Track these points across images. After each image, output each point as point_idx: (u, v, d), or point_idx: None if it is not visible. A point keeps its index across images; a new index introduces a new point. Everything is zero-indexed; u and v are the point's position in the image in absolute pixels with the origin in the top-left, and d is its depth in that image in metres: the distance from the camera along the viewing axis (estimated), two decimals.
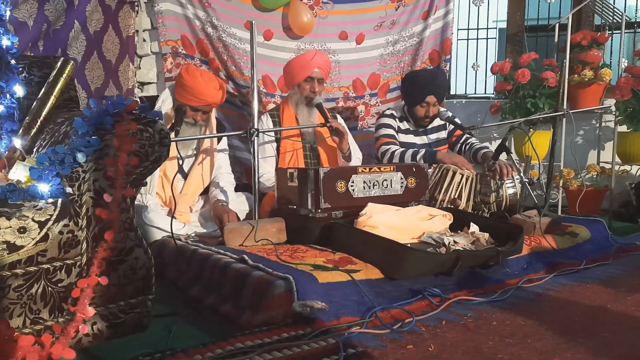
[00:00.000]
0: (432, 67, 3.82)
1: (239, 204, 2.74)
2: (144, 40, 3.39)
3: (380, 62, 3.80)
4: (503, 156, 2.77)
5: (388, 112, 3.21)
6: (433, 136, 3.21)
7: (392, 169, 2.41)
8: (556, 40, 3.90)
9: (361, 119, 3.81)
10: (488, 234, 2.18)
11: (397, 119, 3.16)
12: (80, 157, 1.37)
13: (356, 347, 1.46)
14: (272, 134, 2.91)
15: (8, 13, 1.83)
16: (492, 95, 4.15)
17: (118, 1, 3.13)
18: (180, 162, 2.60)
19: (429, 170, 2.67)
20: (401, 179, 2.43)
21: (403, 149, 3.00)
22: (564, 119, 3.14)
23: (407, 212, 2.23)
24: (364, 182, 2.33)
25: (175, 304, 1.87)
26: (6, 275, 1.24)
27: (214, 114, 2.78)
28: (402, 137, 3.14)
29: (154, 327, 1.54)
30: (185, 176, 2.71)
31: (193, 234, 2.47)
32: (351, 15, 3.71)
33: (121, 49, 3.24)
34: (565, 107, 3.33)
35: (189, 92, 2.55)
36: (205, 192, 2.78)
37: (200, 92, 2.54)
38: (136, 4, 3.25)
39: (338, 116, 3.22)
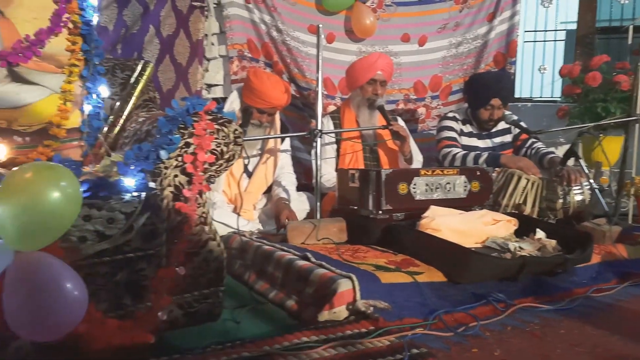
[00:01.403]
0: (496, 69, 3.75)
1: (300, 203, 2.80)
2: (212, 44, 3.52)
3: (442, 64, 3.78)
4: (570, 162, 2.69)
5: (450, 114, 3.18)
6: (497, 140, 3.16)
7: (455, 172, 2.39)
8: (629, 42, 3.73)
9: (421, 122, 3.79)
10: (555, 241, 2.13)
11: (459, 122, 3.13)
12: (163, 154, 1.46)
13: (420, 347, 1.47)
14: (333, 135, 2.96)
15: (96, 19, 1.97)
16: (559, 99, 4.02)
17: (190, 6, 3.27)
18: (246, 161, 2.69)
19: (493, 174, 2.63)
20: (465, 182, 2.41)
21: (465, 152, 2.97)
22: (638, 125, 3.00)
23: (471, 216, 2.22)
24: (426, 184, 2.33)
25: (241, 296, 1.95)
26: (95, 262, 1.34)
27: (278, 116, 2.86)
28: (465, 140, 3.11)
29: (222, 317, 1.62)
30: (249, 175, 2.80)
31: (256, 231, 2.56)
32: (414, 17, 3.71)
33: (191, 52, 3.39)
34: (638, 112, 3.19)
35: (256, 95, 2.64)
36: (268, 191, 2.86)
37: (266, 95, 2.62)
38: (206, 8, 3.39)
39: (399, 118, 3.23)
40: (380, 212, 2.24)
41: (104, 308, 1.36)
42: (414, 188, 2.31)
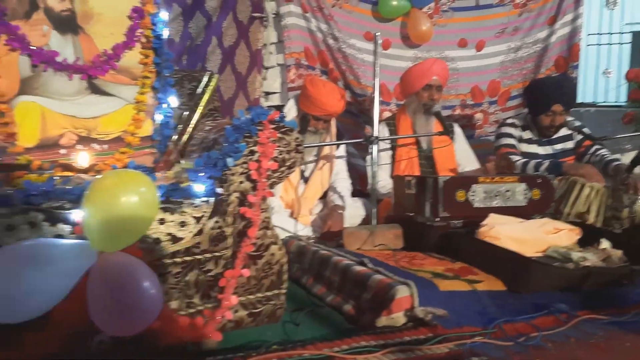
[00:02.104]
0: (557, 74, 3.65)
1: (356, 209, 2.84)
2: (271, 53, 3.63)
3: (500, 69, 3.72)
4: (637, 169, 2.58)
5: (509, 120, 3.13)
6: (558, 146, 3.07)
7: (515, 179, 2.36)
8: None
9: (479, 127, 3.75)
10: (621, 251, 2.06)
11: (519, 128, 3.07)
12: (230, 161, 1.54)
13: (480, 355, 1.47)
14: (388, 142, 2.98)
15: (166, 32, 2.09)
16: (625, 104, 3.86)
17: (250, 17, 3.39)
18: (303, 167, 2.76)
19: (554, 181, 2.57)
20: (525, 190, 2.37)
21: (525, 159, 2.91)
22: None
23: (532, 225, 2.18)
24: (485, 192, 2.31)
25: (299, 299, 2.00)
26: (168, 263, 1.43)
27: (334, 122, 2.91)
28: (525, 147, 3.05)
29: (282, 319, 1.68)
30: (306, 181, 2.86)
31: (313, 236, 2.61)
32: (471, 22, 3.67)
33: (250, 62, 3.50)
34: None
35: (312, 102, 2.71)
36: (324, 196, 2.92)
37: (322, 102, 2.68)
38: (265, 19, 3.49)
39: (456, 124, 3.20)
40: (437, 219, 2.24)
41: (175, 306, 1.45)
42: (472, 195, 2.29)
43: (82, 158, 1.72)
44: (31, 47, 1.76)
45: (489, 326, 1.65)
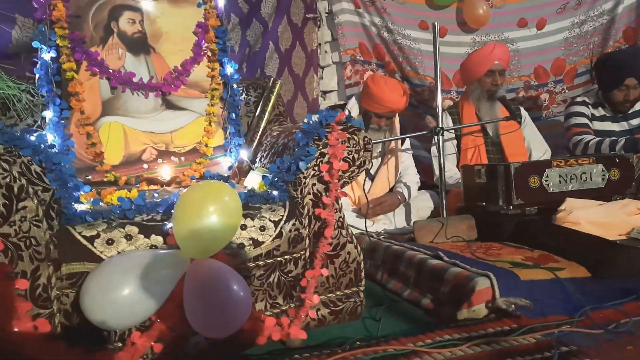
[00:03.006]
0: (627, 46, 3.46)
1: (423, 201, 2.82)
2: (326, 51, 3.66)
3: (565, 46, 3.56)
4: None
5: (579, 99, 3.00)
6: (635, 122, 2.92)
7: (591, 160, 2.27)
8: None
9: (545, 108, 3.61)
10: None
11: (590, 106, 2.95)
12: (302, 165, 1.58)
13: (569, 345, 1.44)
14: (452, 131, 2.94)
15: (229, 44, 2.17)
16: None
17: (304, 18, 3.44)
18: (368, 165, 2.77)
19: (633, 159, 2.45)
20: (602, 171, 2.28)
21: (599, 138, 2.79)
22: None
23: (612, 207, 2.09)
24: (560, 176, 2.24)
25: (376, 295, 2.03)
26: (252, 266, 1.50)
27: (397, 118, 2.90)
28: (598, 125, 2.92)
29: (362, 315, 1.71)
30: (372, 178, 2.88)
31: (382, 231, 2.63)
32: (530, 1, 3.54)
33: (307, 62, 3.55)
34: None
35: (374, 100, 2.71)
36: (391, 192, 2.92)
37: (385, 99, 2.68)
38: (319, 18, 3.53)
39: (521, 107, 3.11)
40: (511, 207, 2.19)
41: (261, 307, 1.52)
42: (546, 180, 2.23)
43: (165, 171, 1.83)
44: (110, 71, 1.89)
45: (576, 314, 1.61)
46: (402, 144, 2.93)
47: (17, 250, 1.22)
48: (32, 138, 1.30)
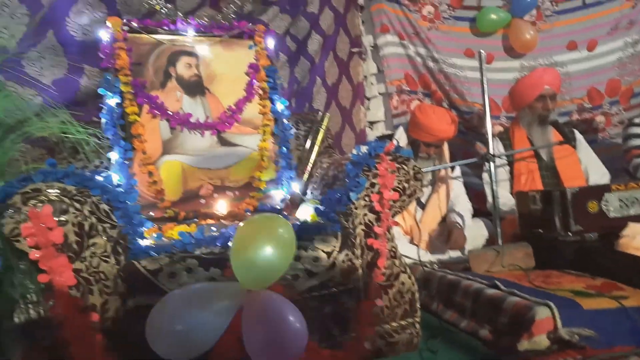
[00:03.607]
0: None
1: (477, 229, 2.78)
2: (372, 83, 3.72)
3: (618, 66, 3.47)
4: None
5: (637, 120, 2.90)
6: None
7: None
8: None
9: (601, 131, 3.51)
10: None
11: None
12: (353, 196, 1.61)
13: None
14: (504, 157, 2.89)
15: (279, 82, 2.26)
16: None
17: (349, 53, 3.53)
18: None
19: None
20: None
21: None
22: None
23: None
24: (620, 200, 2.16)
25: (431, 326, 1.99)
26: (306, 297, 1.52)
27: (446, 146, 2.90)
28: None
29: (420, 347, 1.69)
30: (423, 206, 2.86)
31: (436, 261, 2.59)
32: (579, 23, 3.50)
33: (353, 95, 3.62)
34: None
35: (423, 129, 2.73)
36: (443, 221, 2.89)
37: (433, 128, 2.69)
38: (364, 52, 3.61)
39: (575, 130, 3.04)
40: (569, 233, 2.13)
41: (317, 339, 1.53)
42: (605, 205, 2.15)
43: (221, 206, 1.90)
44: (169, 113, 2.01)
45: None
46: (452, 172, 2.91)
47: (87, 285, 1.30)
48: (100, 179, 1.40)
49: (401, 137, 2.88)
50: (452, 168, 2.92)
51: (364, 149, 1.71)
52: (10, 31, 1.86)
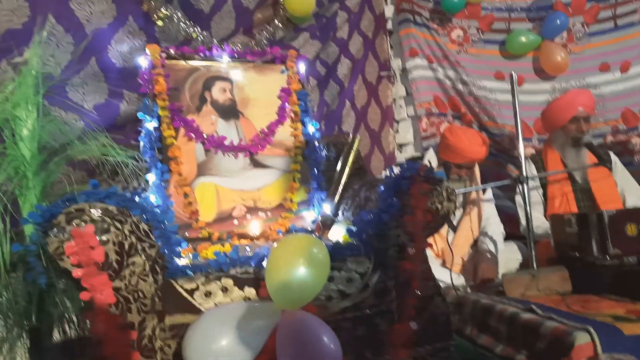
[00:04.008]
0: None
1: (511, 253, 2.73)
2: (401, 106, 3.74)
3: None
4: None
5: None
6: None
7: None
8: None
9: (637, 153, 3.42)
10: None
11: None
12: (386, 217, 1.61)
13: None
14: (537, 179, 2.85)
15: (310, 105, 2.30)
16: None
17: (378, 76, 3.56)
18: None
19: None
20: None
21: None
22: None
23: None
24: None
25: (465, 351, 1.96)
26: (339, 319, 1.51)
27: (477, 168, 2.88)
28: None
29: None
30: (454, 229, 2.83)
31: (469, 284, 2.55)
32: (611, 45, 3.46)
33: (382, 118, 3.64)
34: None
35: (453, 151, 2.72)
36: (475, 243, 2.85)
37: (464, 150, 2.68)
38: (393, 76, 3.64)
39: (611, 152, 2.98)
40: (607, 257, 2.07)
41: None
42: None
43: (254, 226, 1.93)
44: (204, 136, 2.06)
45: None
46: (483, 194, 2.89)
47: (126, 303, 1.33)
48: (138, 199, 1.44)
49: (431, 159, 2.88)
50: (484, 190, 2.89)
51: (396, 170, 1.72)
52: (56, 59, 1.94)
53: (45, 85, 1.68)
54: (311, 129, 2.23)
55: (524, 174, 2.41)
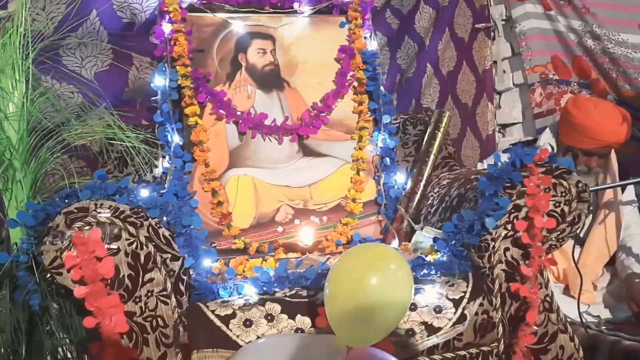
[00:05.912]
0: None
1: None
2: (504, 71, 3.68)
3: None
4: None
5: None
6: None
7: None
8: None
9: None
10: None
11: None
12: (490, 222, 1.59)
13: None
14: None
15: (381, 70, 2.30)
16: None
17: (472, 30, 3.51)
18: None
19: None
20: None
21: None
22: None
23: None
24: None
25: None
26: None
27: (613, 156, 2.79)
28: None
29: None
30: (581, 242, 2.76)
31: (603, 319, 2.48)
32: None
33: (477, 88, 3.59)
34: None
35: (580, 132, 2.65)
36: (612, 262, 2.77)
37: (596, 130, 2.60)
38: (493, 28, 3.59)
39: None
40: None
41: None
42: None
43: (304, 235, 1.95)
44: (238, 113, 2.10)
45: None
46: (622, 193, 2.80)
47: (142, 333, 1.38)
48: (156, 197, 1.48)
49: (547, 144, 2.81)
50: (623, 188, 2.81)
51: (504, 157, 1.69)
52: (47, 13, 2.02)
53: (36, 47, 1.74)
54: (382, 103, 2.23)
55: None
